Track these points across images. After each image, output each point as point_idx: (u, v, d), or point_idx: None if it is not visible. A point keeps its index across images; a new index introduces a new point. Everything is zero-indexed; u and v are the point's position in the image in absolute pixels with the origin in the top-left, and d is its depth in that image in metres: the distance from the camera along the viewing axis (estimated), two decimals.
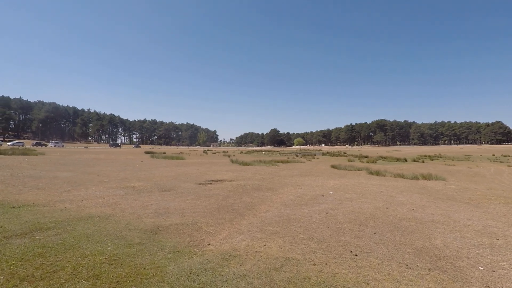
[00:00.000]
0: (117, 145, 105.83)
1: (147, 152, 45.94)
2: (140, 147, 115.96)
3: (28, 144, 78.14)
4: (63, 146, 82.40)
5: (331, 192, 10.05)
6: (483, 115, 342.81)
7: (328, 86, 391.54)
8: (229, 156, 39.83)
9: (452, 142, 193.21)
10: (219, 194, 9.17)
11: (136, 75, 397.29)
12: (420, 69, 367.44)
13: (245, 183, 11.82)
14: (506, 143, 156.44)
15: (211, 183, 11.91)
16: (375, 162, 28.63)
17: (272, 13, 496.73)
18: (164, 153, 43.43)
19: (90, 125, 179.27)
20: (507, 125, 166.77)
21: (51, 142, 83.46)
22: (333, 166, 21.95)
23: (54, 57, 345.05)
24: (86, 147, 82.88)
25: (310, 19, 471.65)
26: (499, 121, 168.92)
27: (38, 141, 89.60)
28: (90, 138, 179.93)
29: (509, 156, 42.45)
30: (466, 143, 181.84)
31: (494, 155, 46.34)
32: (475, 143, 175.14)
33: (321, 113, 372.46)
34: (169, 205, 7.25)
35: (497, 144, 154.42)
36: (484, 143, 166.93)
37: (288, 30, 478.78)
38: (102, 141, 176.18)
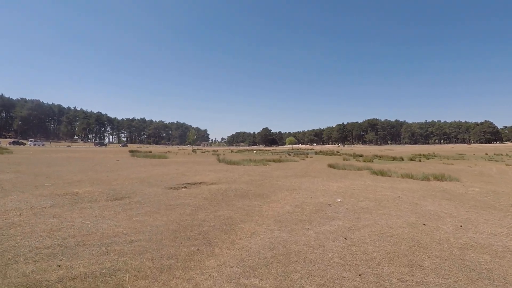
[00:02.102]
0: (102, 144, 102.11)
1: (130, 151, 42.85)
2: (127, 146, 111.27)
3: (5, 143, 73.17)
4: (43, 145, 77.54)
5: (338, 200, 7.69)
6: (472, 115, 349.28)
7: (321, 86, 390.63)
8: (218, 155, 37.18)
9: (442, 141, 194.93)
10: (189, 204, 6.65)
11: (125, 73, 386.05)
12: (412, 70, 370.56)
13: (228, 187, 9.33)
14: (495, 142, 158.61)
15: (185, 187, 9.39)
16: (372, 161, 26.55)
17: (265, 14, 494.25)
18: (150, 152, 40.51)
19: (76, 123, 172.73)
20: (496, 124, 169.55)
21: (30, 141, 78.53)
22: (330, 166, 19.64)
23: (39, 56, 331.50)
24: (69, 146, 78.39)
25: (302, 20, 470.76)
26: (488, 121, 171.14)
27: (16, 140, 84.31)
28: (76, 137, 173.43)
29: (501, 155, 41.46)
30: (455, 142, 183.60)
31: (487, 154, 45.30)
32: (465, 142, 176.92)
33: (313, 112, 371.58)
34: (100, 226, 4.65)
35: (486, 143, 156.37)
36: (473, 142, 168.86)
37: (282, 31, 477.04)
38: (89, 140, 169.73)
